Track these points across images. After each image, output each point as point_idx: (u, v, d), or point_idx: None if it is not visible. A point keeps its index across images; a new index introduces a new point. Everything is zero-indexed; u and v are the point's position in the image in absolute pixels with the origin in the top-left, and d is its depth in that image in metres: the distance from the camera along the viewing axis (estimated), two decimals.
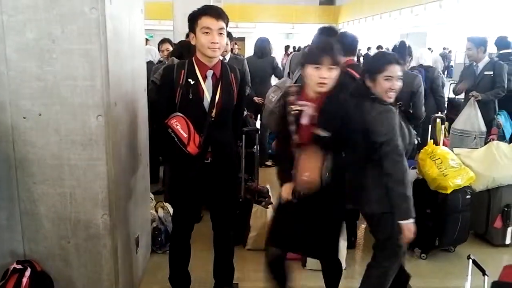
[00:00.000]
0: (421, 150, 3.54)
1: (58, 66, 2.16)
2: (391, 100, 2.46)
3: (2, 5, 2.13)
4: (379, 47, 16.27)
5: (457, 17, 13.46)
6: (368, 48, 16.24)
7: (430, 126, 4.39)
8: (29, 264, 2.27)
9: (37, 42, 2.15)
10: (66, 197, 2.26)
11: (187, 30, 6.44)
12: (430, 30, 16.69)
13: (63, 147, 2.21)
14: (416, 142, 3.82)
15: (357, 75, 3.29)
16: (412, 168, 4.04)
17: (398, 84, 2.43)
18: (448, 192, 3.30)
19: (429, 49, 11.74)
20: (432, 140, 3.70)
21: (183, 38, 5.46)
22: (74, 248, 2.32)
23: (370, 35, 20.35)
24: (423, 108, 3.82)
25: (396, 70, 2.40)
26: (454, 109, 5.55)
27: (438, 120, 4.51)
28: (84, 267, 2.36)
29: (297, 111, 2.32)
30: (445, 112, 5.28)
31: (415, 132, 3.81)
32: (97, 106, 2.20)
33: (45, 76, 2.16)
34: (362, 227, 4.00)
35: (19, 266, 2.25)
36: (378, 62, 2.48)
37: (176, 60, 4.47)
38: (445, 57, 16.18)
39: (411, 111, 3.82)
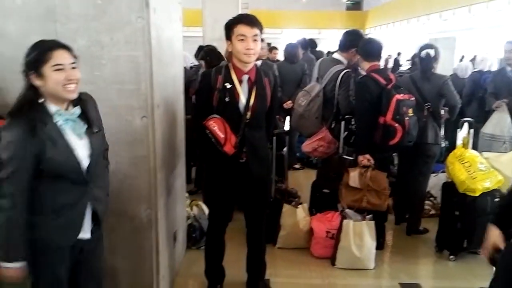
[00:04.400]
0: (450, 154, 3.59)
1: (106, 71, 2.34)
2: None
3: (56, 14, 2.32)
4: (399, 54, 16.18)
5: (486, 22, 13.26)
6: (399, 54, 16.12)
7: (458, 130, 4.42)
8: None
9: (87, 48, 2.33)
10: (113, 191, 2.43)
11: (216, 36, 6.62)
12: (459, 35, 16.47)
13: (111, 146, 2.36)
14: (443, 145, 3.88)
15: (381, 80, 3.39)
16: (441, 172, 4.10)
17: None
18: (477, 194, 3.34)
19: (462, 57, 11.58)
20: (461, 144, 3.74)
21: (212, 44, 5.65)
22: (119, 240, 2.49)
23: (398, 40, 20.20)
24: (457, 96, 3.87)
25: None
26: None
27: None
28: (128, 257, 2.52)
29: None
30: None
31: (443, 136, 3.88)
32: (141, 108, 2.36)
33: (94, 80, 2.34)
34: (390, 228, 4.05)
35: None
36: None
37: (203, 63, 4.68)
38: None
39: (443, 112, 3.89)
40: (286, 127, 5.19)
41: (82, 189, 1.91)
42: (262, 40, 3.15)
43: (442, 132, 3.89)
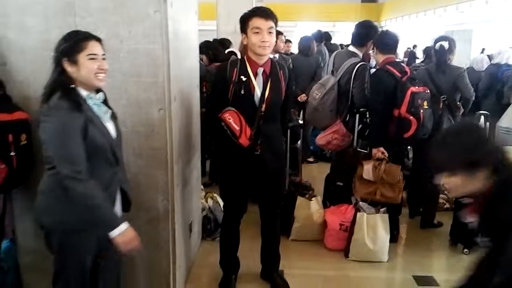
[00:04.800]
0: None
1: (125, 64, 2.38)
2: None
3: (75, 8, 2.36)
4: (414, 46, 15.98)
5: (504, 15, 13.02)
6: (414, 46, 15.94)
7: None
8: None
9: (106, 42, 2.32)
10: (130, 182, 2.48)
11: (230, 29, 6.62)
12: (476, 27, 16.21)
13: (129, 137, 2.42)
14: None
15: (396, 73, 3.37)
16: None
17: None
18: None
19: (483, 49, 11.38)
20: None
21: (226, 37, 5.69)
22: (136, 230, 2.52)
23: (414, 33, 19.96)
24: (471, 89, 3.88)
25: None
26: None
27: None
28: (145, 247, 2.55)
29: None
30: None
31: None
32: (159, 101, 2.40)
33: (113, 73, 2.37)
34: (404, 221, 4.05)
35: None
36: None
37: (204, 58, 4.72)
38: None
39: (459, 103, 3.88)
40: (300, 120, 5.20)
41: (114, 170, 2.01)
42: (281, 33, 3.15)
43: None
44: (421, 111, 3.32)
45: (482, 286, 1.76)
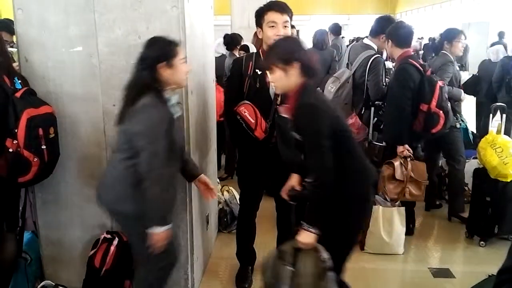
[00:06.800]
0: (482, 139, 3.55)
1: None
2: None
3: (94, 4, 2.41)
4: (421, 38, 15.81)
5: None
6: (429, 39, 15.78)
7: (491, 115, 4.36)
8: (117, 234, 2.56)
9: (125, 38, 2.42)
10: None
11: (244, 24, 6.62)
12: (493, 19, 15.96)
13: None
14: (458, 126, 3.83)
15: (419, 67, 3.35)
16: (473, 158, 4.06)
17: None
18: (508, 180, 3.32)
19: (501, 34, 11.17)
20: (493, 129, 3.70)
21: (240, 32, 5.71)
22: None
23: (430, 25, 19.72)
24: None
25: None
26: None
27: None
28: None
29: None
30: None
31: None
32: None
33: (132, 69, 2.42)
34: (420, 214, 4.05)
35: (108, 236, 2.55)
36: None
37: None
38: None
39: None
40: None
41: (179, 164, 2.27)
42: (293, 26, 3.16)
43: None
44: (448, 104, 3.32)
45: None
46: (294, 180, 2.38)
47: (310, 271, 2.00)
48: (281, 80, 2.04)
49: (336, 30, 6.65)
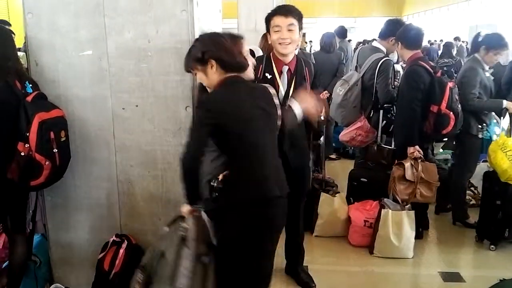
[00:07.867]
0: (492, 142, 3.53)
1: (152, 63, 2.43)
2: None
3: (104, 8, 2.42)
4: (429, 42, 15.75)
5: None
6: (441, 41, 15.73)
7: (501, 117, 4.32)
8: (126, 237, 2.57)
9: (134, 41, 2.43)
10: (158, 179, 2.54)
11: (251, 27, 6.62)
12: (501, 22, 15.89)
13: (156, 135, 2.48)
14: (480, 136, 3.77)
15: (429, 68, 3.34)
16: (483, 161, 4.04)
17: None
18: None
19: None
20: (503, 132, 3.67)
21: (247, 35, 5.69)
22: (164, 225, 2.59)
23: (437, 27, 19.66)
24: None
25: None
26: None
27: None
28: None
29: None
30: None
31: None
32: (186, 98, 2.44)
33: (141, 72, 2.44)
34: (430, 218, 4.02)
35: (117, 239, 2.56)
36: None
37: None
38: None
39: None
40: (322, 117, 5.18)
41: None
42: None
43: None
44: (458, 106, 3.31)
45: None
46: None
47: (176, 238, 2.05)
48: (204, 79, 2.08)
49: (342, 33, 6.65)
